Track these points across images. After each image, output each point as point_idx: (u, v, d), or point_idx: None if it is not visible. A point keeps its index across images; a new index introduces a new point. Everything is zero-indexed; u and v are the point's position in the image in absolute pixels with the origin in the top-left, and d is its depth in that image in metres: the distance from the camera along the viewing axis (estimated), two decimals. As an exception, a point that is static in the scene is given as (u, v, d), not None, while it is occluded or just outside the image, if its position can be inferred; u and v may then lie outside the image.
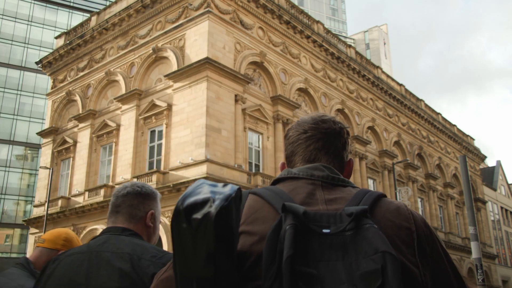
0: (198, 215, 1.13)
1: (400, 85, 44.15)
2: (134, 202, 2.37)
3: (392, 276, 1.11)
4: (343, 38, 65.41)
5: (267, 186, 1.43)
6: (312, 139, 1.54)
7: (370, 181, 36.71)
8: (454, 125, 54.56)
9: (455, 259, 44.56)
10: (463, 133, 56.96)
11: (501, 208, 64.58)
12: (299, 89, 31.07)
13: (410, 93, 45.76)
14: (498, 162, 69.04)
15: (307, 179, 1.43)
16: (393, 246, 1.19)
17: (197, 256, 1.13)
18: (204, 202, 1.14)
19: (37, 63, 37.03)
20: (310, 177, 1.43)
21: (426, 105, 48.38)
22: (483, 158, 61.34)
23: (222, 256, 1.14)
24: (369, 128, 37.75)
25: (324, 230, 1.20)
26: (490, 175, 66.02)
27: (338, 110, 34.40)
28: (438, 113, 51.19)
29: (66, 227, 29.18)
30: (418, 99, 47.05)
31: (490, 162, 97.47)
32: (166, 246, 23.28)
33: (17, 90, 55.65)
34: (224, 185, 1.23)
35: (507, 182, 70.53)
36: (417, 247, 1.30)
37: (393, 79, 43.56)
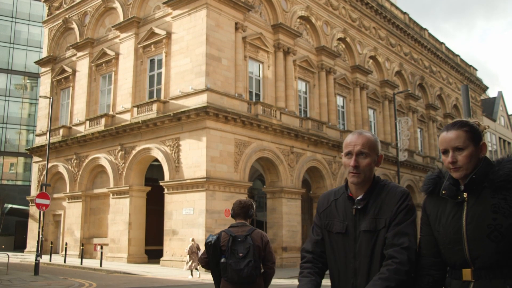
0: (209, 243, 4.87)
1: (404, 13, 43.08)
2: None
3: (252, 251, 4.79)
4: (347, -37, 62.81)
5: (228, 229, 4.96)
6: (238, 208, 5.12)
7: (371, 111, 36.70)
8: (457, 55, 53.83)
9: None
10: (466, 64, 56.33)
11: (499, 138, 65.09)
12: (301, 17, 30.35)
13: (414, 22, 44.76)
14: (500, 93, 68.78)
15: (237, 226, 4.96)
16: (256, 244, 4.84)
17: (215, 255, 4.87)
18: (210, 241, 4.87)
19: (31, -12, 35.83)
20: (237, 225, 4.96)
21: (429, 35, 47.47)
22: (484, 89, 61.03)
23: (216, 253, 4.86)
24: (370, 57, 37.25)
25: (238, 238, 4.81)
26: (491, 106, 66.00)
27: (339, 39, 33.78)
28: (442, 43, 50.35)
29: (68, 156, 29.60)
30: (422, 28, 46.09)
31: (492, 91, 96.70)
32: (167, 174, 23.76)
33: (12, 17, 54.27)
34: (214, 235, 4.97)
35: (507, 113, 70.60)
36: (264, 247, 4.93)
37: (397, 7, 42.42)
